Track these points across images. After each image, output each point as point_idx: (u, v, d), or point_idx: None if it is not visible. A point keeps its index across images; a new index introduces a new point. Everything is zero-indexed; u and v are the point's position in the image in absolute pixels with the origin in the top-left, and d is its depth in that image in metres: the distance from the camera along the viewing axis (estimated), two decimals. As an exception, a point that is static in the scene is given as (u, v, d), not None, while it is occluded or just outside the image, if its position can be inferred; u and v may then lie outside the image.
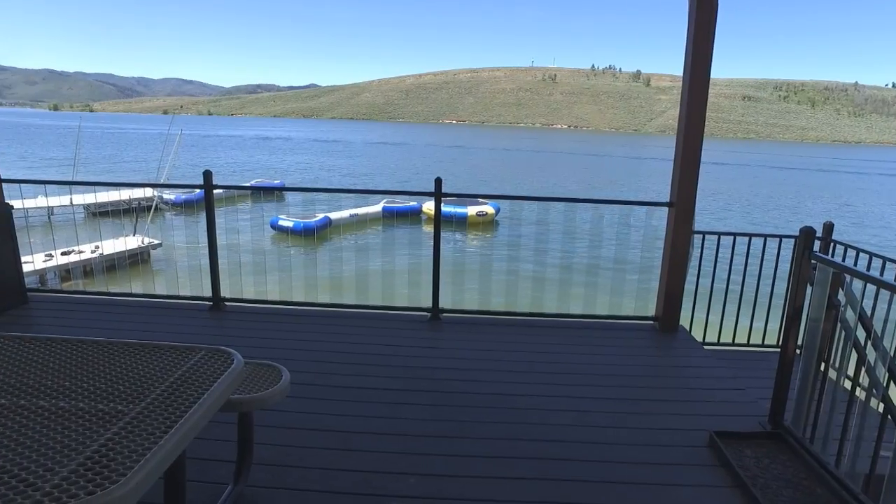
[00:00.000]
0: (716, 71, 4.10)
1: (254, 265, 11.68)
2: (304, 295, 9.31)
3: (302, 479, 2.37)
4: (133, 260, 12.91)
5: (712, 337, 4.54)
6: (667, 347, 4.12)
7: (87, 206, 17.13)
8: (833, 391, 2.55)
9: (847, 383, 2.54)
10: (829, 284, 2.59)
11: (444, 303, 4.49)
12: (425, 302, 4.50)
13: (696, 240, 4.28)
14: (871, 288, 2.58)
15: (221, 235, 4.56)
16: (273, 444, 2.58)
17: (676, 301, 4.26)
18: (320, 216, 17.43)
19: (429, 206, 19.21)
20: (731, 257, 4.33)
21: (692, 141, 3.97)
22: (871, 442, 2.30)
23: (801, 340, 2.87)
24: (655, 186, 36.78)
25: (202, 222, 4.47)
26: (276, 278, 10.90)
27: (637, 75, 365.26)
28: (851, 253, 3.87)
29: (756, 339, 4.50)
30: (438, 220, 4.42)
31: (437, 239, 4.40)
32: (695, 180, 4.04)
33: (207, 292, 4.52)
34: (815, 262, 2.68)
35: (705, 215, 24.42)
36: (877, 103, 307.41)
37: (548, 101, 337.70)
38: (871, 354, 2.41)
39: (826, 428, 2.57)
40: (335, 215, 18.22)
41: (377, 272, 12.09)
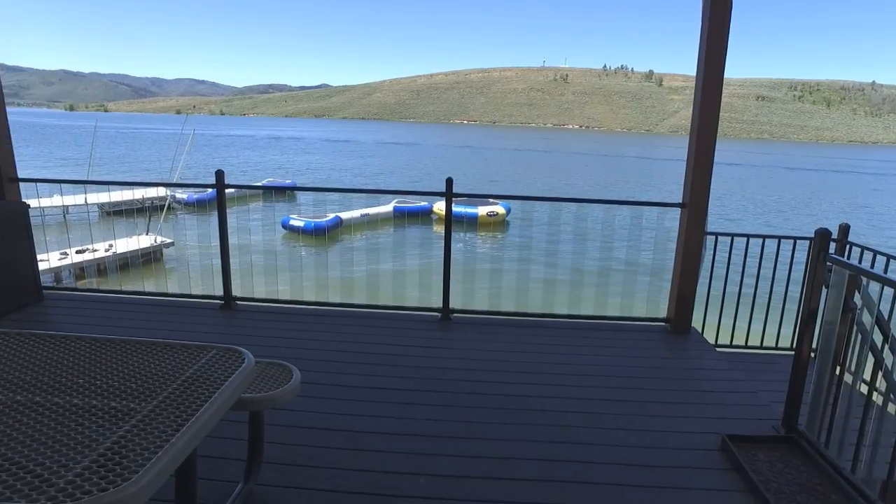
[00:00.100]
0: (729, 71, 4.05)
1: (265, 265, 11.75)
2: (314, 294, 9.35)
3: (312, 478, 2.37)
4: (146, 259, 13.04)
5: (725, 339, 4.50)
6: (678, 349, 4.09)
7: (101, 206, 17.33)
8: (849, 395, 2.51)
9: (863, 388, 2.51)
10: (845, 287, 2.56)
11: (455, 303, 4.48)
12: (436, 302, 4.50)
13: (708, 241, 4.24)
14: (888, 291, 2.54)
15: (233, 235, 4.59)
16: (283, 443, 2.60)
17: (688, 303, 4.22)
18: (331, 216, 17.49)
19: (439, 206, 19.21)
20: (745, 259, 4.29)
21: (705, 141, 3.94)
22: (889, 448, 2.26)
23: (815, 344, 2.83)
24: (667, 187, 36.55)
25: (214, 221, 4.50)
26: (287, 278, 10.95)
27: (649, 75, 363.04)
28: (868, 255, 3.81)
29: (769, 342, 4.45)
30: (449, 221, 4.42)
31: (448, 239, 4.39)
32: (708, 181, 4.01)
33: (219, 291, 4.56)
34: (831, 265, 2.65)
35: (718, 217, 24.21)
36: (894, 103, 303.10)
37: (559, 101, 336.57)
38: (889, 358, 2.37)
39: (842, 433, 2.53)
40: (346, 215, 18.28)
41: (388, 272, 12.11)
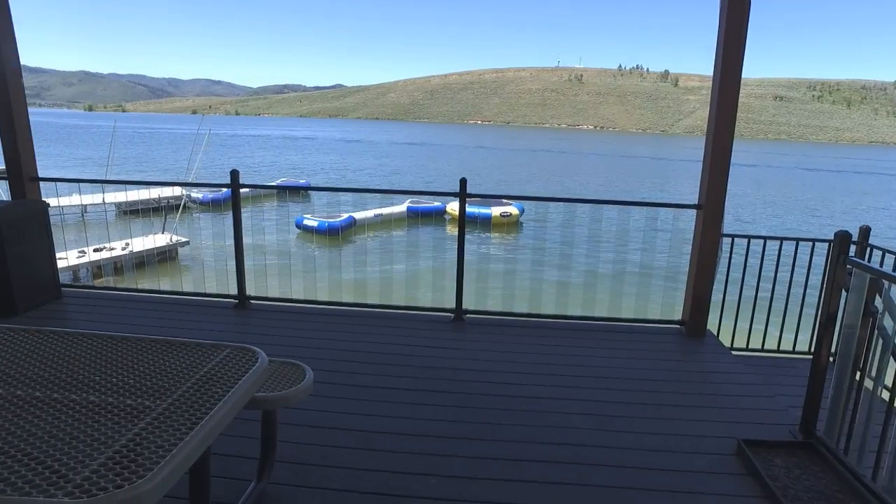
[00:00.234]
0: (746, 70, 3.99)
1: (279, 264, 11.82)
2: (328, 294, 9.39)
3: (324, 477, 2.38)
4: (161, 257, 13.19)
5: (741, 343, 4.44)
6: (693, 352, 4.04)
7: (118, 205, 17.55)
8: (869, 401, 2.47)
9: (885, 394, 2.46)
10: (866, 290, 2.51)
11: (468, 304, 4.47)
12: (449, 303, 4.49)
13: (724, 243, 4.19)
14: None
15: (247, 234, 4.61)
16: (296, 442, 2.61)
17: (704, 305, 4.18)
18: (345, 216, 17.55)
19: (453, 206, 19.21)
20: (761, 261, 4.23)
21: (722, 142, 3.89)
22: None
23: (834, 348, 2.78)
24: (683, 188, 36.22)
25: (229, 221, 4.54)
26: (301, 277, 11.01)
27: (665, 75, 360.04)
28: (890, 258, 3.73)
29: (786, 345, 4.39)
30: (463, 221, 4.41)
31: (462, 239, 4.39)
32: (724, 182, 3.96)
33: (233, 290, 4.59)
34: (851, 268, 2.60)
35: (734, 219, 23.93)
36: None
37: (574, 101, 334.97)
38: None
39: (862, 439, 2.48)
40: (360, 215, 18.34)
41: (401, 272, 12.13)
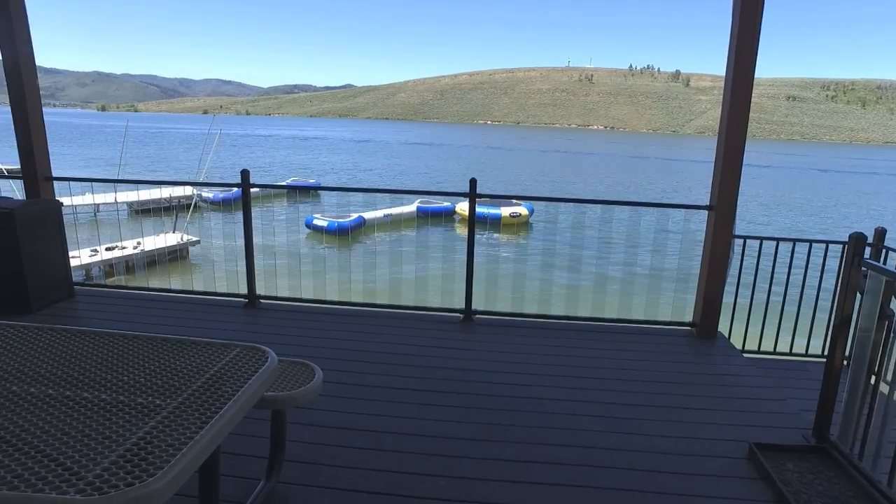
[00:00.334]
0: (758, 70, 3.96)
1: (288, 264, 11.88)
2: (337, 294, 9.41)
3: (333, 477, 2.38)
4: (172, 256, 13.29)
5: (752, 345, 4.40)
6: (704, 354, 4.01)
7: (130, 204, 17.72)
8: (885, 406, 2.43)
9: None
10: (882, 293, 2.48)
11: (477, 304, 4.47)
12: (458, 303, 4.49)
13: (736, 244, 4.15)
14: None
15: (257, 234, 4.63)
16: (305, 442, 2.61)
17: (715, 307, 4.14)
18: (354, 216, 17.60)
19: (462, 206, 19.20)
20: (774, 263, 4.19)
21: (734, 142, 3.86)
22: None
23: (848, 351, 2.75)
24: (694, 188, 35.98)
25: (239, 220, 4.56)
26: (311, 277, 11.04)
27: (676, 75, 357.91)
28: None
29: (799, 348, 4.34)
30: (472, 221, 4.40)
31: (471, 240, 4.38)
32: (736, 183, 3.92)
33: (243, 289, 4.61)
34: (867, 270, 2.57)
35: (746, 220, 23.74)
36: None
37: (584, 101, 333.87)
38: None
39: (877, 444, 2.45)
40: (369, 215, 18.38)
41: (411, 272, 12.14)
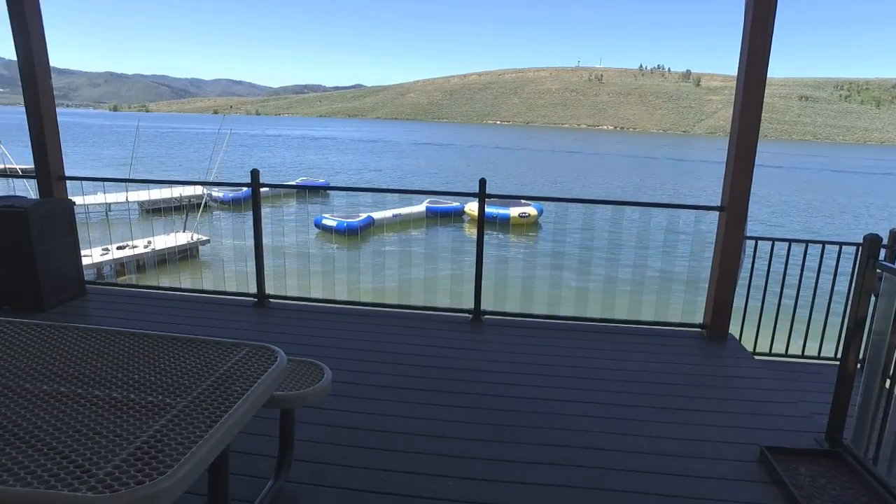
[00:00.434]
0: (770, 70, 3.91)
1: (298, 263, 11.92)
2: (346, 294, 9.43)
3: (342, 477, 2.38)
4: (182, 255, 13.38)
5: (764, 347, 4.36)
6: (715, 356, 3.98)
7: (141, 203, 17.86)
8: (900, 409, 2.40)
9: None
10: (897, 296, 2.44)
11: (486, 304, 4.46)
12: (467, 303, 4.48)
13: (747, 246, 4.12)
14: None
15: (267, 233, 4.65)
16: (313, 441, 2.62)
17: (726, 309, 4.10)
18: (363, 216, 17.64)
19: (471, 206, 19.19)
20: (786, 264, 4.15)
21: (746, 142, 3.82)
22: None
23: (862, 354, 2.71)
24: (705, 188, 35.74)
25: (249, 220, 4.58)
26: (320, 277, 11.08)
27: (687, 75, 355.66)
28: None
29: (811, 350, 4.29)
30: (482, 221, 4.39)
31: (481, 240, 4.37)
32: (748, 183, 3.88)
33: (252, 288, 4.62)
34: (881, 272, 2.54)
35: (757, 221, 23.54)
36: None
37: (594, 101, 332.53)
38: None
39: (892, 449, 2.41)
40: (378, 215, 18.41)
41: (420, 272, 12.15)
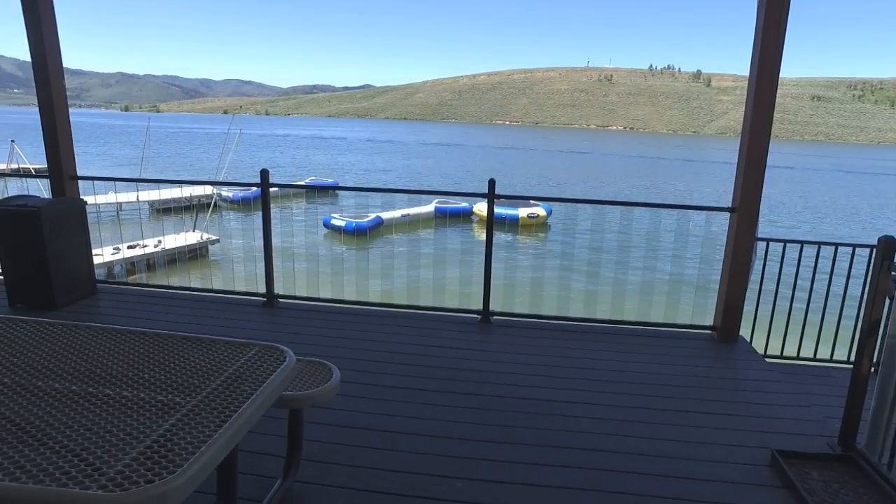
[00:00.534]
0: (782, 70, 3.88)
1: (306, 263, 11.96)
2: (355, 294, 9.45)
3: (350, 477, 2.39)
4: (192, 255, 13.46)
5: (775, 350, 4.32)
6: (725, 359, 3.95)
7: (151, 203, 17.99)
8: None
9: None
10: (911, 299, 2.41)
11: (495, 305, 4.45)
12: (476, 304, 4.48)
13: (758, 248, 4.08)
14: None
15: (276, 233, 4.66)
16: (321, 441, 2.62)
17: (736, 311, 4.07)
18: (372, 216, 17.67)
19: (480, 207, 19.17)
20: (798, 266, 4.11)
21: (757, 142, 3.79)
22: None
23: (876, 357, 2.68)
24: (715, 188, 35.50)
25: (258, 219, 4.59)
26: (328, 277, 11.10)
27: (697, 75, 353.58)
28: None
29: (823, 354, 4.25)
30: (491, 222, 4.38)
31: (490, 241, 4.36)
32: (760, 184, 3.85)
33: (261, 288, 4.64)
34: None
35: (768, 223, 23.34)
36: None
37: (603, 102, 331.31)
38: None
39: (907, 454, 2.39)
40: (387, 215, 18.43)
41: (428, 272, 12.14)
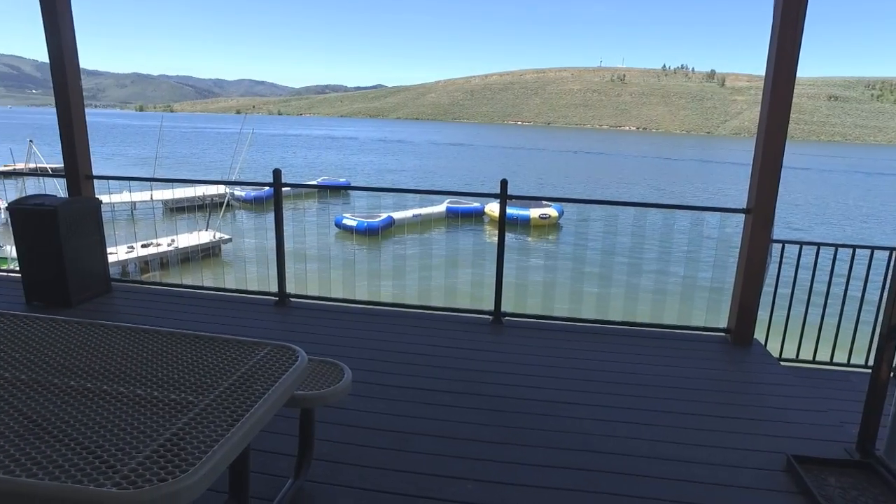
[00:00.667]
0: (798, 70, 3.83)
1: (318, 262, 12.01)
2: (367, 294, 9.47)
3: (360, 477, 2.39)
4: (205, 254, 13.58)
5: (790, 353, 4.26)
6: (739, 362, 3.90)
7: (165, 202, 18.17)
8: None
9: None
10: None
11: (507, 306, 4.43)
12: (487, 304, 4.46)
13: (773, 249, 4.03)
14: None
15: (288, 233, 4.68)
16: (333, 441, 2.62)
17: (751, 313, 4.02)
18: (384, 216, 17.71)
19: (491, 207, 19.14)
20: (814, 268, 4.05)
21: (773, 143, 3.74)
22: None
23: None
24: (729, 189, 35.17)
25: (270, 219, 4.61)
26: (340, 276, 11.14)
27: (711, 75, 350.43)
28: None
29: (840, 358, 4.19)
30: (503, 222, 4.37)
31: (502, 241, 4.35)
32: (775, 185, 3.80)
33: (274, 287, 4.66)
34: (915, 278, 2.46)
35: (784, 224, 23.07)
36: None
37: (616, 102, 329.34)
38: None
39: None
40: (399, 215, 18.46)
41: (440, 273, 12.15)
